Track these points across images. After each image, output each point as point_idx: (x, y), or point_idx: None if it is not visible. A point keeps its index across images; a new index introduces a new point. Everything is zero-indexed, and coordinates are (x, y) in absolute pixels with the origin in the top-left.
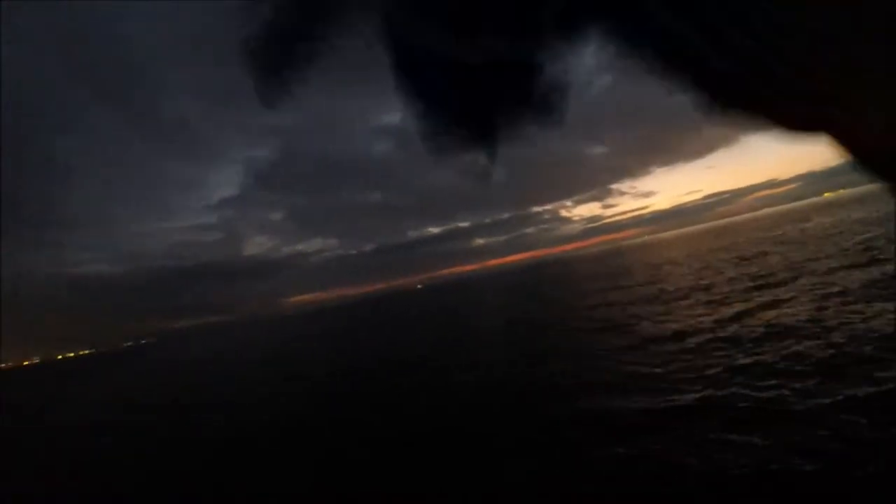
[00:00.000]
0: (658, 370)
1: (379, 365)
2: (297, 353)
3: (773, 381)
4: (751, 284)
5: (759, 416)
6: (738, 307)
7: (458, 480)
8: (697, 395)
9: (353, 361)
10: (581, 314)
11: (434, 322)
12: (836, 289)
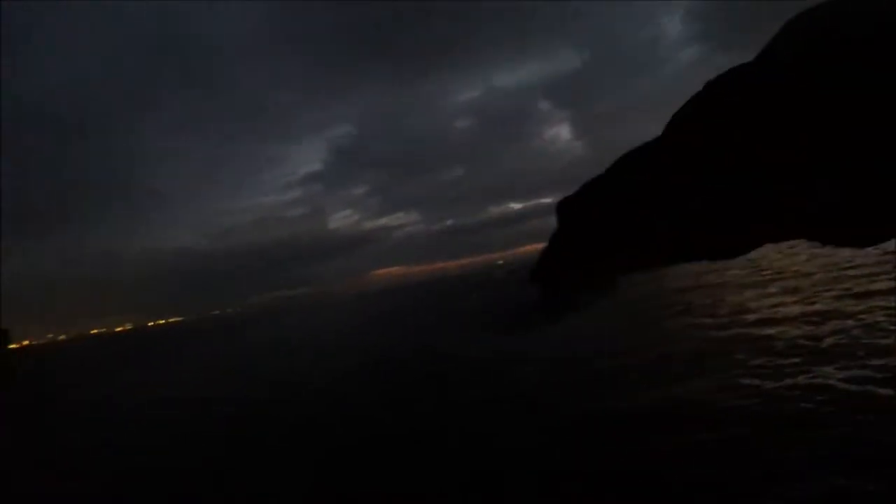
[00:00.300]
0: (735, 357)
1: (413, 354)
2: (347, 337)
3: (846, 377)
4: (835, 274)
5: (817, 417)
6: (823, 297)
7: (459, 480)
8: (767, 387)
9: (390, 350)
10: (659, 297)
11: (494, 300)
12: None
